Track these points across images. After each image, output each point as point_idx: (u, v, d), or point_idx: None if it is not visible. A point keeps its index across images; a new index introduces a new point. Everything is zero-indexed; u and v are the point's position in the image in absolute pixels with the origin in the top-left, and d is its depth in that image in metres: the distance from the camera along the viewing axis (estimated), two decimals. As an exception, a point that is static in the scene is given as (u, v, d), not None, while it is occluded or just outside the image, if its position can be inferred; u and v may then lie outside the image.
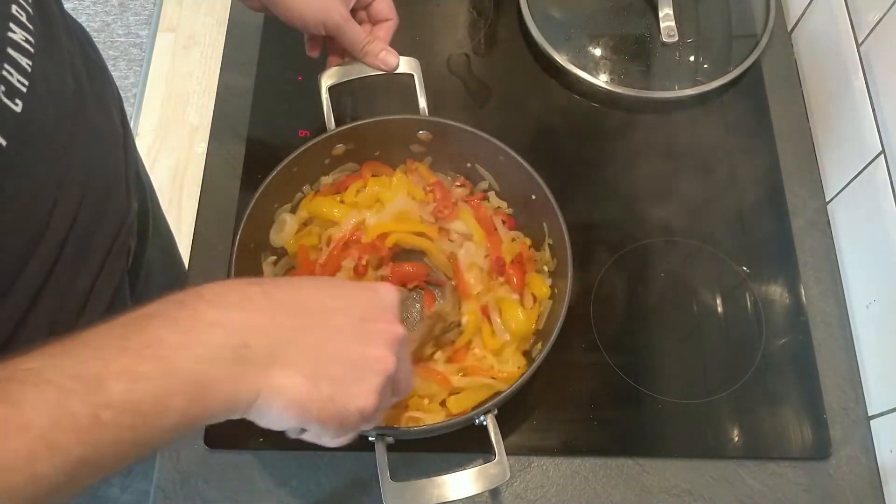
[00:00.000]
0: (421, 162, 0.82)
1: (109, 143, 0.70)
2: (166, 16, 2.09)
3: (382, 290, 0.51)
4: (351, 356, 0.46)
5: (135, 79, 2.01)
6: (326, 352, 0.46)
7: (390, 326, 0.49)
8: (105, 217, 0.66)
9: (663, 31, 0.94)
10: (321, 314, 0.46)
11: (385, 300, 0.50)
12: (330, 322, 0.46)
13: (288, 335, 0.44)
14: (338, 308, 0.47)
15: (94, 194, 0.64)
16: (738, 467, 0.73)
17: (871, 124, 0.78)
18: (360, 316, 0.48)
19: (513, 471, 0.72)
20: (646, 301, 0.82)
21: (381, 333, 0.48)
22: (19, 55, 0.52)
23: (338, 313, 0.47)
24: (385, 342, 0.48)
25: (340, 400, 0.45)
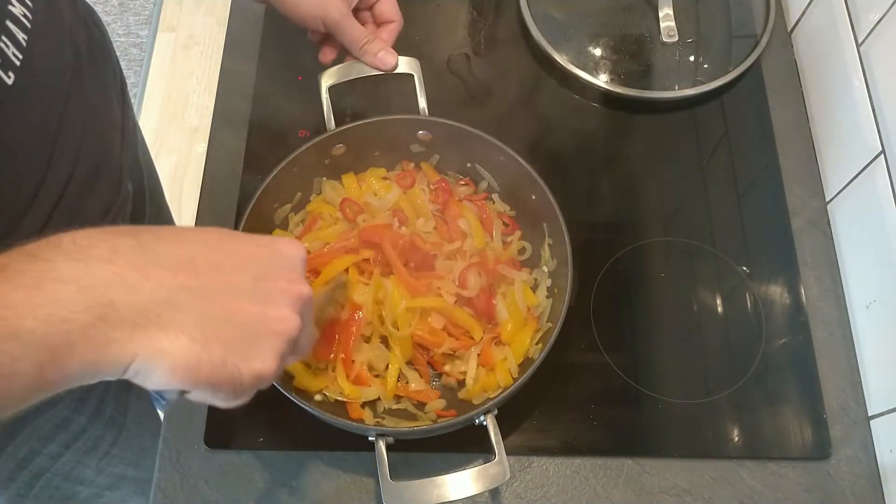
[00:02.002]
0: (427, 161, 0.82)
1: (105, 124, 0.69)
2: (166, 16, 2.09)
3: (284, 246, 0.47)
4: (246, 317, 0.42)
5: (135, 79, 2.01)
6: (217, 312, 0.41)
7: (293, 286, 0.45)
8: (95, 195, 0.66)
9: (663, 31, 0.94)
10: (210, 271, 0.41)
11: (287, 256, 0.46)
12: (221, 280, 0.42)
13: (168, 294, 0.39)
14: (233, 266, 0.43)
15: (84, 171, 0.63)
16: (738, 467, 0.73)
17: (871, 124, 0.78)
18: (259, 274, 0.44)
19: (513, 471, 0.72)
20: (646, 301, 0.82)
21: (282, 293, 0.44)
22: (17, 28, 0.53)
23: (232, 271, 0.43)
24: (287, 302, 0.44)
25: (234, 363, 0.41)
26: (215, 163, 0.87)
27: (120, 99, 0.75)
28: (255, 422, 0.74)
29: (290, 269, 0.46)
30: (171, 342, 0.39)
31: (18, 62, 0.53)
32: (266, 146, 0.87)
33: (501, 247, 0.79)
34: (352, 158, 0.80)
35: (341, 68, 0.79)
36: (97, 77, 0.68)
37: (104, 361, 0.38)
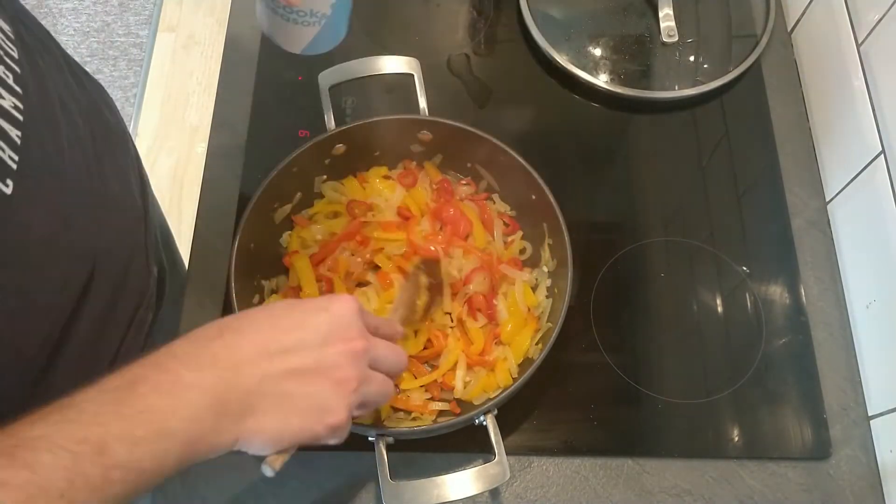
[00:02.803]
0: (429, 160, 0.82)
1: (128, 217, 0.68)
2: (166, 16, 2.09)
3: (335, 307, 0.53)
4: (314, 387, 0.50)
5: (135, 79, 2.01)
6: (290, 391, 0.50)
7: (349, 344, 0.52)
8: (124, 296, 0.66)
9: (663, 31, 0.94)
10: (282, 356, 0.50)
11: (340, 317, 0.53)
12: (291, 362, 0.50)
13: (254, 384, 0.48)
14: (297, 345, 0.51)
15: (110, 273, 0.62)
16: (738, 467, 0.73)
17: (871, 124, 0.78)
18: (319, 343, 0.51)
19: (513, 471, 0.72)
20: (646, 301, 0.82)
21: (340, 355, 0.51)
22: (9, 125, 0.49)
23: (298, 350, 0.50)
24: (347, 361, 0.52)
25: (309, 427, 0.50)
26: (215, 163, 0.87)
27: (139, 181, 0.73)
28: (255, 422, 0.74)
29: (347, 327, 0.53)
30: (258, 424, 0.48)
31: (16, 165, 0.49)
32: (266, 146, 0.87)
33: (503, 247, 0.79)
34: (352, 158, 0.80)
35: (341, 68, 0.79)
36: (115, 167, 0.66)
37: (219, 446, 0.47)
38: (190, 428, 0.45)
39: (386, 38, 0.96)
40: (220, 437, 0.47)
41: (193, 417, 0.45)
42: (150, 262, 0.72)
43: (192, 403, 0.46)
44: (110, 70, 2.02)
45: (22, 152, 0.50)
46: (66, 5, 2.10)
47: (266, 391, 0.49)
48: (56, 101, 0.57)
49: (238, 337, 0.50)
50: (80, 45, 2.04)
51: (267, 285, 0.75)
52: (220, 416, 0.47)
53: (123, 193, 0.68)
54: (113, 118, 0.71)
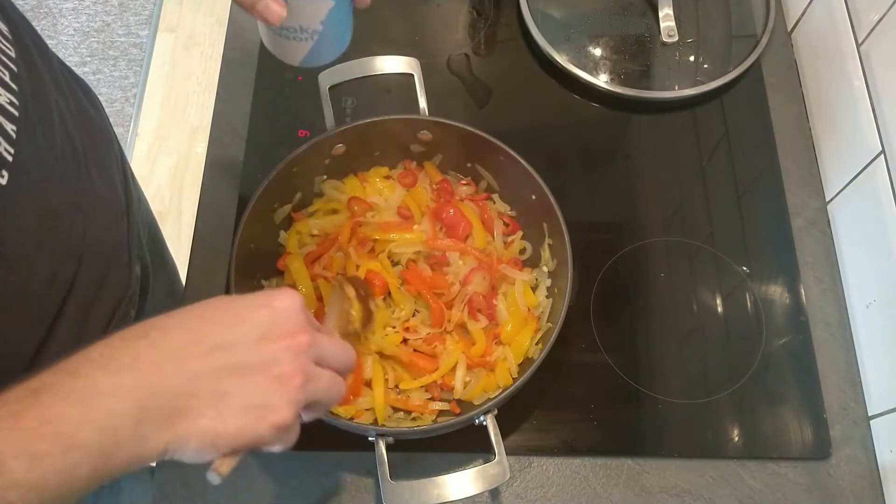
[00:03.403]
0: (429, 160, 0.82)
1: (111, 213, 0.68)
2: (166, 16, 2.09)
3: (277, 302, 0.49)
4: (252, 385, 0.46)
5: (135, 79, 2.01)
6: (225, 389, 0.45)
7: (292, 339, 0.48)
8: (105, 291, 0.65)
9: (663, 31, 0.94)
10: (215, 352, 0.46)
11: (282, 311, 0.49)
12: (226, 359, 0.46)
13: (181, 385, 0.44)
14: (233, 339, 0.46)
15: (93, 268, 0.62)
16: (738, 467, 0.73)
17: (871, 124, 0.78)
18: (258, 337, 0.47)
19: (513, 471, 0.72)
20: (646, 301, 0.82)
21: (283, 350, 0.47)
22: (4, 119, 0.49)
23: (234, 346, 0.46)
24: (289, 357, 0.47)
25: (251, 426, 0.46)
26: (215, 163, 0.87)
27: (122, 178, 0.73)
28: (255, 422, 0.74)
29: (288, 321, 0.49)
30: (191, 426, 0.44)
31: (11, 157, 0.49)
32: (266, 146, 0.87)
33: (503, 247, 0.79)
34: (352, 158, 0.80)
35: (341, 68, 0.79)
36: (99, 164, 0.66)
37: (143, 455, 0.43)
38: (103, 439, 0.41)
39: (386, 38, 0.96)
40: (143, 447, 0.43)
41: (107, 426, 0.41)
42: (133, 258, 0.72)
43: (107, 411, 0.41)
44: (110, 70, 2.02)
45: (17, 146, 0.50)
46: (66, 5, 2.10)
47: (197, 391, 0.44)
48: (49, 100, 0.58)
49: (164, 335, 0.46)
50: (80, 45, 2.04)
51: (267, 285, 0.75)
52: (141, 423, 0.42)
53: (107, 190, 0.68)
54: (98, 117, 0.71)
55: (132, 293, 0.71)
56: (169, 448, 0.44)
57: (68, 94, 0.64)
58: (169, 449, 0.44)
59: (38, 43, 0.61)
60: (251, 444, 0.46)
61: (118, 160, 0.74)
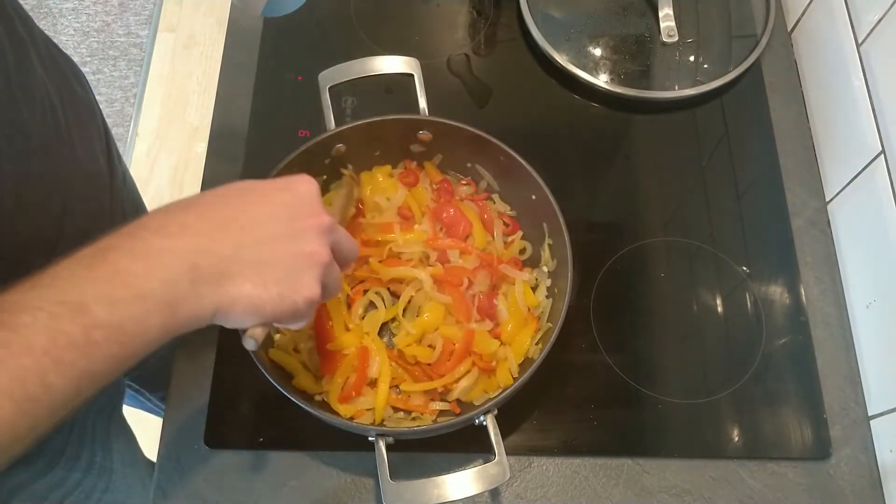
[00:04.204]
0: (429, 160, 0.82)
1: (93, 184, 0.69)
2: (166, 16, 2.09)
3: (299, 186, 0.53)
4: (288, 257, 0.51)
5: (135, 79, 2.01)
6: (266, 258, 0.50)
7: (315, 219, 0.53)
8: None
9: (663, 31, 0.94)
10: (252, 226, 0.50)
11: (304, 194, 0.53)
12: (262, 231, 0.50)
13: (229, 251, 0.48)
14: (267, 216, 0.51)
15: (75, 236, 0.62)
16: (738, 467, 0.73)
17: (871, 124, 0.78)
18: (288, 216, 0.52)
19: (513, 471, 0.72)
20: (646, 301, 0.82)
21: (309, 229, 0.52)
22: None
23: (268, 221, 0.51)
24: (315, 235, 0.52)
25: (289, 295, 0.50)
26: (215, 163, 0.87)
27: (106, 156, 0.74)
28: (255, 422, 0.74)
29: (311, 204, 0.53)
30: (238, 290, 0.48)
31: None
32: (266, 146, 0.87)
33: (503, 247, 0.79)
34: (352, 158, 0.80)
35: (341, 68, 0.79)
36: (81, 135, 0.67)
37: (200, 313, 0.47)
38: (167, 290, 0.45)
39: (386, 38, 0.96)
40: (200, 303, 0.46)
41: (170, 279, 0.45)
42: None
43: (167, 266, 0.45)
44: (110, 70, 2.02)
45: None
46: (66, 5, 2.10)
47: (242, 257, 0.48)
48: (33, 71, 0.60)
49: (208, 208, 0.50)
50: (80, 45, 2.04)
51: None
52: (197, 281, 0.46)
53: (89, 160, 0.69)
54: (82, 92, 0.73)
55: None
56: (219, 308, 0.48)
57: (52, 67, 0.65)
58: (220, 309, 0.48)
59: (22, 16, 0.62)
60: (287, 313, 0.50)
61: (101, 135, 0.75)
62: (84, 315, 0.41)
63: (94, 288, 0.42)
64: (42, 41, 0.65)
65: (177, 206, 0.49)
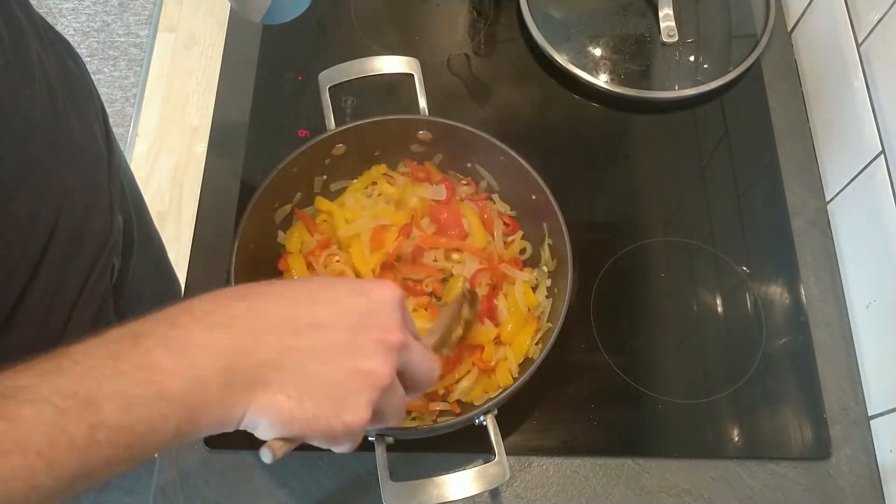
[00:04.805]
0: (430, 160, 0.82)
1: (91, 161, 0.69)
2: (166, 16, 2.09)
3: (376, 293, 0.48)
4: (338, 373, 0.45)
5: (135, 79, 2.01)
6: (313, 370, 0.45)
7: (384, 334, 0.47)
8: (86, 235, 0.65)
9: (663, 31, 0.94)
10: (310, 330, 0.45)
11: (379, 304, 0.48)
12: (318, 339, 0.45)
13: (273, 356, 0.44)
14: (330, 320, 0.46)
15: (74, 212, 0.63)
16: (738, 467, 0.74)
17: (871, 124, 0.78)
18: (352, 326, 0.46)
19: (513, 471, 0.72)
20: (646, 301, 0.82)
21: (374, 344, 0.46)
22: None
23: (328, 328, 0.46)
24: (378, 353, 0.46)
25: (325, 417, 0.45)
26: (215, 163, 0.87)
27: (103, 134, 0.74)
28: (255, 422, 0.74)
29: (384, 315, 0.48)
30: (270, 401, 0.43)
31: None
32: (266, 146, 0.87)
33: (503, 247, 0.79)
34: (352, 158, 0.80)
35: (341, 68, 0.79)
36: (78, 113, 0.67)
37: (225, 419, 0.43)
38: (194, 392, 0.41)
39: (386, 38, 0.96)
40: (227, 409, 0.42)
41: (199, 380, 0.41)
42: (114, 209, 0.72)
43: (199, 365, 0.41)
44: (110, 70, 2.02)
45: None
46: (66, 5, 2.10)
47: (285, 366, 0.44)
48: (29, 50, 0.59)
49: (265, 301, 0.45)
50: (80, 46, 2.04)
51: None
52: (229, 386, 0.42)
53: (86, 139, 0.68)
54: (79, 71, 0.72)
55: (114, 242, 0.71)
56: (246, 418, 0.43)
57: (48, 46, 0.64)
58: (246, 418, 0.43)
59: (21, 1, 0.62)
60: (320, 436, 0.46)
61: (98, 114, 0.74)
62: (92, 413, 0.37)
63: (112, 381, 0.38)
64: (39, 22, 0.65)
65: (232, 293, 0.45)
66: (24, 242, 0.57)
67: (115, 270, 0.73)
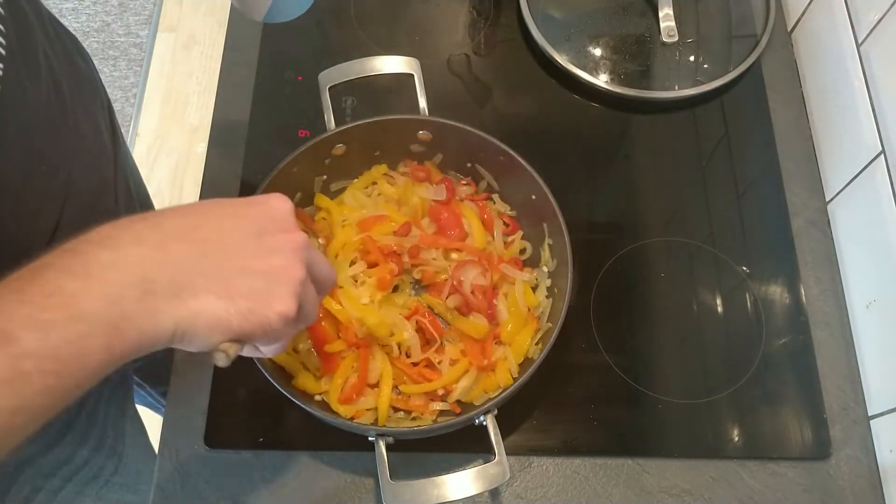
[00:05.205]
0: (430, 160, 0.82)
1: (96, 156, 0.68)
2: (166, 16, 2.09)
3: (273, 201, 0.50)
4: (257, 270, 0.47)
5: (135, 79, 2.01)
6: (231, 270, 0.46)
7: (289, 235, 0.49)
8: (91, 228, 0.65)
9: (663, 31, 0.94)
10: (216, 236, 0.46)
11: (277, 210, 0.50)
12: (227, 242, 0.46)
13: (187, 262, 0.44)
14: (232, 227, 0.47)
15: (79, 206, 0.62)
16: (738, 467, 0.73)
17: (871, 124, 0.78)
18: (258, 230, 0.48)
19: (513, 471, 0.72)
20: (646, 301, 0.82)
21: (282, 244, 0.48)
22: None
23: (233, 232, 0.47)
24: (288, 251, 0.48)
25: (259, 310, 0.46)
26: (215, 163, 0.87)
27: (109, 129, 0.74)
28: (254, 422, 0.74)
29: (283, 220, 0.50)
30: (201, 303, 0.44)
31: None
32: (266, 146, 0.87)
33: (503, 247, 0.79)
34: (352, 158, 0.80)
35: (341, 68, 0.79)
36: (84, 108, 0.67)
37: (155, 332, 0.42)
38: (110, 308, 0.40)
39: (386, 38, 0.96)
40: (154, 320, 0.42)
41: (112, 296, 0.40)
42: (120, 204, 0.72)
43: (111, 281, 0.41)
44: (110, 70, 2.02)
45: (3, 82, 0.50)
46: (66, 5, 2.10)
47: (205, 269, 0.44)
48: (35, 44, 0.59)
49: (165, 219, 0.46)
50: (80, 45, 2.04)
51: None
52: (148, 295, 0.41)
53: (92, 134, 0.68)
54: (85, 67, 0.72)
55: None
56: (179, 326, 0.43)
57: (55, 40, 0.64)
58: (179, 327, 0.43)
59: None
60: (258, 329, 0.46)
61: (105, 109, 0.74)
62: (10, 344, 0.37)
63: (21, 311, 0.38)
64: (46, 16, 0.65)
65: (129, 218, 0.45)
66: (28, 236, 0.57)
67: None
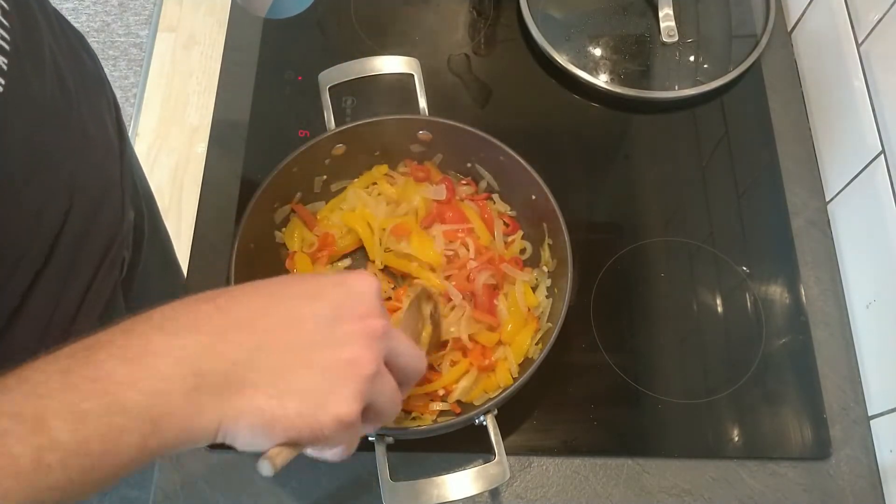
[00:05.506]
0: (430, 160, 0.82)
1: (102, 153, 0.68)
2: (166, 16, 2.09)
3: (354, 282, 0.46)
4: (320, 365, 0.42)
5: (135, 79, 2.01)
6: (291, 364, 0.42)
7: (366, 322, 0.44)
8: (97, 227, 0.65)
9: (663, 31, 0.94)
10: (284, 324, 0.42)
11: (358, 292, 0.45)
12: (294, 331, 0.42)
13: (245, 354, 0.40)
14: (305, 314, 0.43)
15: (85, 203, 0.62)
16: (738, 467, 0.74)
17: (871, 124, 0.78)
18: (331, 316, 0.44)
19: (513, 471, 0.72)
20: (646, 301, 0.82)
21: (356, 332, 0.44)
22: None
23: (305, 320, 0.43)
24: (362, 340, 0.44)
25: (310, 413, 0.41)
26: (215, 163, 0.87)
27: (115, 127, 0.74)
28: (255, 422, 0.74)
29: (362, 304, 0.45)
30: (247, 402, 0.40)
31: (2, 89, 0.48)
32: (266, 146, 0.87)
33: (503, 247, 0.79)
34: (352, 158, 0.80)
35: (341, 68, 0.79)
36: (90, 105, 0.67)
37: (196, 430, 0.39)
38: (153, 403, 0.37)
39: (386, 38, 0.96)
40: (196, 420, 0.39)
41: (158, 390, 0.37)
42: (126, 201, 0.72)
43: (160, 373, 0.38)
44: (110, 70, 2.02)
45: (7, 77, 0.49)
46: (67, 5, 2.10)
47: (258, 365, 0.40)
48: (41, 39, 0.58)
49: (234, 300, 0.42)
50: (80, 45, 2.04)
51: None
52: (195, 392, 0.38)
53: (98, 131, 0.68)
54: (91, 63, 0.71)
55: (124, 236, 0.71)
56: (222, 425, 0.40)
57: (61, 36, 0.64)
58: (222, 426, 0.40)
59: None
60: (309, 435, 0.42)
61: (111, 107, 0.74)
62: (39, 433, 0.34)
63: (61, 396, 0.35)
64: (52, 12, 0.65)
65: (198, 297, 0.42)
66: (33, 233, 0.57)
67: (126, 263, 0.73)
